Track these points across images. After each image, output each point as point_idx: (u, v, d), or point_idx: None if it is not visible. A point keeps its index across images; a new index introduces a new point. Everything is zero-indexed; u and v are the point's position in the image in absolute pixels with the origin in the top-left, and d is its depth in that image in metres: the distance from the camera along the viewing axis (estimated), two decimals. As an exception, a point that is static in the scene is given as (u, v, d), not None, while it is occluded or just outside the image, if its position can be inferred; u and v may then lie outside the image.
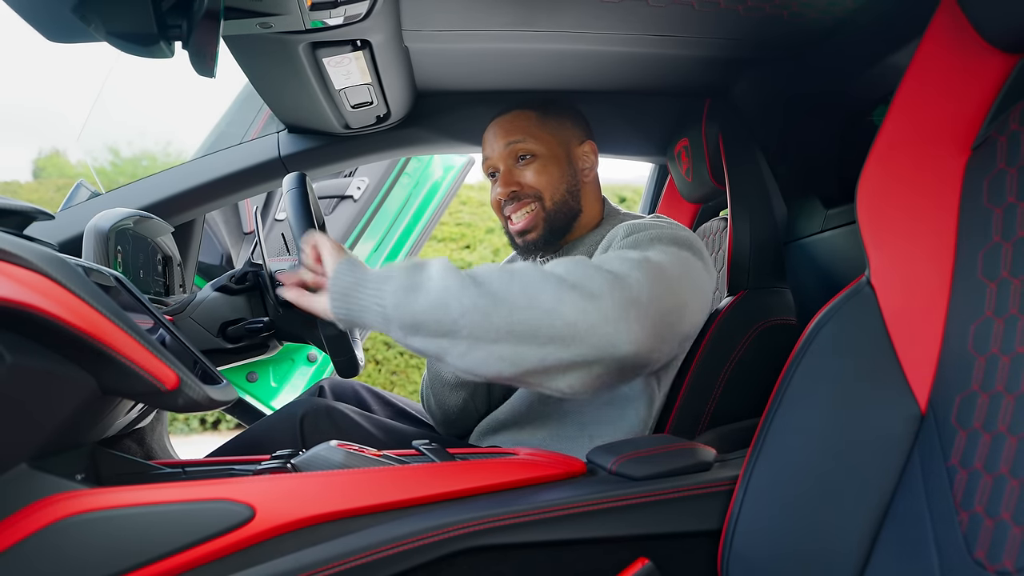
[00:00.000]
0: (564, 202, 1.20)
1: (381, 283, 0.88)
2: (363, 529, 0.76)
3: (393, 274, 0.88)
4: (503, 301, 0.83)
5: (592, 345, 0.82)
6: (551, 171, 1.20)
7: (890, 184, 0.80)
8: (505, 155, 1.21)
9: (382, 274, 0.89)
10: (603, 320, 0.82)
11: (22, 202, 0.84)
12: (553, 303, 0.82)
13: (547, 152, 1.20)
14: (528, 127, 1.21)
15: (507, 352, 0.83)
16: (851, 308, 0.80)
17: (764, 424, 0.86)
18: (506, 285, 0.84)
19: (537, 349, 0.83)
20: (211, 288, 1.34)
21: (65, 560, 0.68)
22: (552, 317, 0.82)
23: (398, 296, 0.86)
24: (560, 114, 1.24)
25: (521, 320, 0.82)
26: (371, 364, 5.39)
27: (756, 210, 1.41)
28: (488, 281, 0.85)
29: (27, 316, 0.67)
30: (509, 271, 0.86)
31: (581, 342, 0.82)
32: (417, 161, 2.53)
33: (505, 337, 0.83)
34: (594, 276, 0.84)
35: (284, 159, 1.54)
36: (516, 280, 0.84)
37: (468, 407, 1.25)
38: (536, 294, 0.83)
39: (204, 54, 0.79)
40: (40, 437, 0.72)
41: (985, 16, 0.74)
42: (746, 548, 0.83)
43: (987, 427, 0.67)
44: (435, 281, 0.85)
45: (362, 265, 0.92)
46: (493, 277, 0.85)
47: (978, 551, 0.64)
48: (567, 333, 0.82)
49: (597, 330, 0.82)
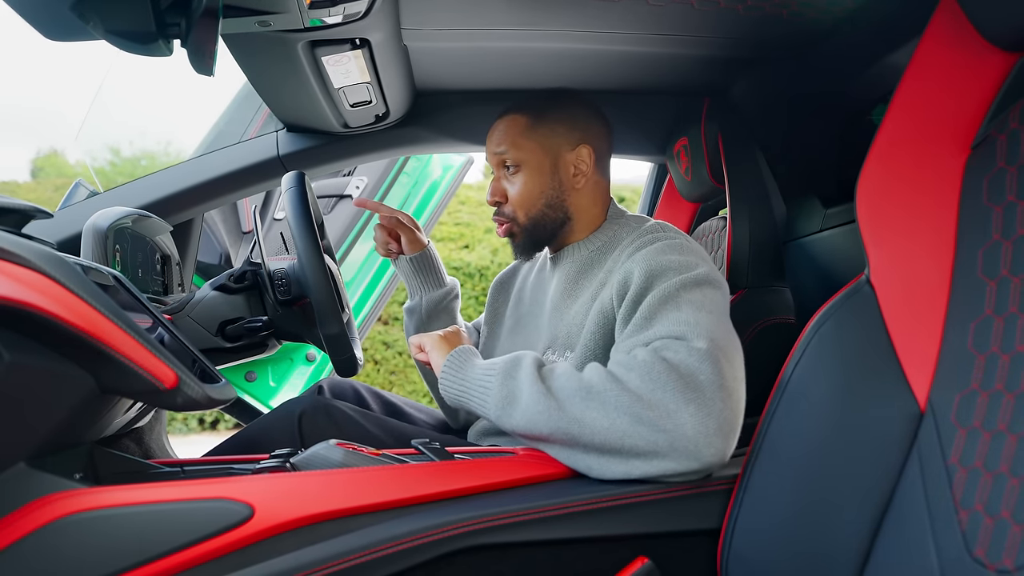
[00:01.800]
0: (542, 215, 1.20)
1: (484, 394, 0.97)
2: (362, 528, 0.76)
3: (492, 384, 0.96)
4: (584, 423, 0.87)
5: (676, 461, 0.85)
6: (532, 183, 1.20)
7: (890, 183, 0.80)
8: (494, 163, 1.23)
9: (483, 382, 0.98)
10: (684, 440, 0.84)
11: (21, 200, 0.83)
12: (631, 425, 0.85)
13: (531, 160, 1.19)
14: (514, 136, 1.20)
15: (595, 463, 0.88)
16: (851, 307, 0.80)
17: (763, 423, 0.86)
18: (584, 407, 0.88)
19: (624, 464, 0.87)
20: (210, 287, 1.34)
21: (64, 559, 0.68)
22: (633, 439, 0.85)
23: (499, 409, 0.94)
24: (555, 118, 1.21)
25: (604, 441, 0.86)
26: (370, 364, 5.39)
27: (755, 209, 1.41)
28: (568, 402, 0.89)
29: (26, 315, 0.67)
30: (586, 388, 0.89)
31: (665, 458, 0.85)
32: (416, 160, 2.53)
33: (591, 451, 0.88)
34: (666, 386, 0.86)
35: (283, 158, 1.54)
36: (592, 400, 0.88)
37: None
38: (615, 416, 0.86)
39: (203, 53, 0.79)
40: (38, 436, 0.72)
41: (985, 15, 0.74)
42: (745, 547, 0.83)
43: (987, 426, 0.67)
44: (525, 398, 0.92)
45: (465, 366, 1.02)
46: (572, 397, 0.89)
47: (978, 549, 0.64)
48: (650, 450, 0.85)
49: (678, 447, 0.84)
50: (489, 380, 0.97)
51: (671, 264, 1.02)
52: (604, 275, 1.12)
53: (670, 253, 1.04)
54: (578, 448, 0.89)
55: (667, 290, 0.98)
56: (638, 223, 1.19)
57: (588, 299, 1.11)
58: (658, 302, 0.97)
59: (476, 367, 1.01)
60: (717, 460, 0.85)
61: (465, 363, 1.03)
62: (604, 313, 1.06)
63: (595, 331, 1.05)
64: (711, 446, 0.84)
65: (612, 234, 1.20)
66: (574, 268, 1.19)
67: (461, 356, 1.04)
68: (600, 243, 1.20)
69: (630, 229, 1.18)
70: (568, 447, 0.90)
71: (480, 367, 1.00)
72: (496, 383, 0.96)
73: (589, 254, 1.19)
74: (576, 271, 1.18)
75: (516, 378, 0.95)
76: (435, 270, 1.38)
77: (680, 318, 0.94)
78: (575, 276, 1.18)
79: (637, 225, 1.19)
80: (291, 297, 1.32)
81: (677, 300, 0.96)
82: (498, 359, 0.99)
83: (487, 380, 0.97)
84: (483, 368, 0.99)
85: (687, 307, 0.95)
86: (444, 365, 1.03)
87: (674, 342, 0.91)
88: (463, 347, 1.05)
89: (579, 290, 1.16)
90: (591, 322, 1.06)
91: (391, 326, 5.59)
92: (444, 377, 1.02)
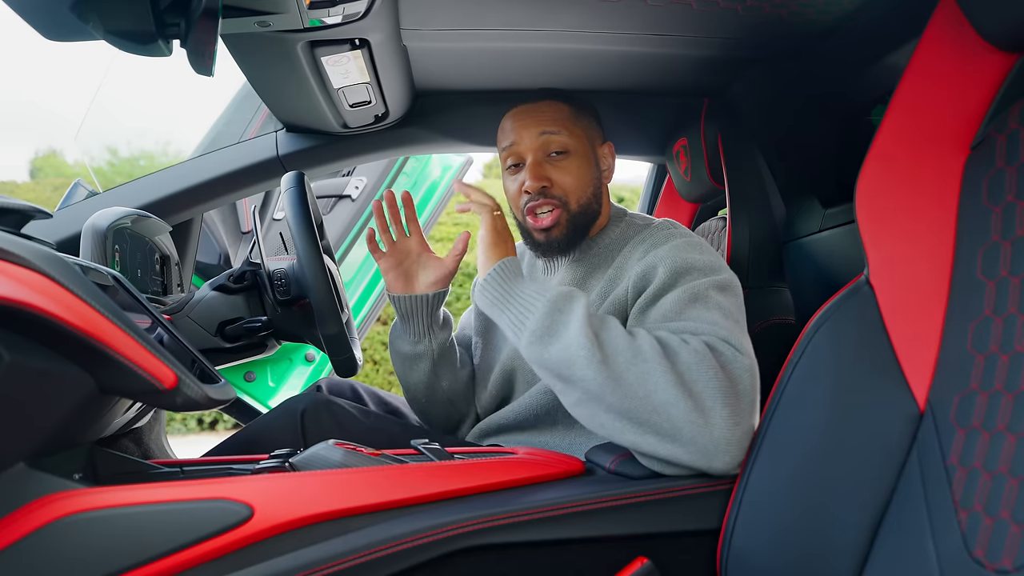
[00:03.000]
0: (589, 204, 1.16)
1: (525, 313, 0.93)
2: (362, 528, 0.76)
3: (537, 308, 0.93)
4: (621, 383, 0.86)
5: (689, 452, 0.84)
6: (582, 171, 1.15)
7: (889, 183, 0.80)
8: (536, 146, 1.15)
9: (529, 302, 0.94)
10: (707, 439, 0.84)
11: (20, 200, 0.83)
12: (667, 403, 0.84)
13: (580, 150, 1.16)
14: (564, 120, 1.16)
15: (609, 423, 0.87)
16: (850, 307, 0.80)
17: (763, 423, 0.86)
18: (627, 367, 0.86)
19: (638, 435, 0.86)
20: (209, 287, 1.34)
21: (63, 559, 0.68)
22: (661, 416, 0.84)
23: (534, 335, 0.91)
24: (588, 113, 1.21)
25: (631, 407, 0.85)
26: (369, 364, 5.39)
27: (755, 209, 1.41)
28: (614, 357, 0.87)
29: (25, 315, 0.67)
30: (635, 350, 0.88)
31: (680, 446, 0.84)
32: (415, 161, 2.53)
33: (612, 411, 0.87)
34: (711, 382, 0.86)
35: (282, 158, 1.54)
36: (638, 364, 0.86)
37: (435, 387, 1.25)
38: (653, 389, 0.85)
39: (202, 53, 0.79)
40: (38, 436, 0.72)
41: (984, 15, 0.74)
42: (745, 547, 0.83)
43: (986, 426, 0.67)
44: (570, 335, 0.89)
45: (515, 277, 0.99)
46: (619, 353, 0.87)
47: (977, 549, 0.64)
48: (671, 433, 0.84)
49: (696, 442, 0.84)
50: (536, 303, 0.94)
51: (696, 263, 1.02)
52: (614, 271, 1.12)
53: (692, 252, 1.04)
54: (601, 404, 0.87)
55: (697, 288, 0.98)
56: (645, 221, 1.20)
57: (597, 297, 1.11)
58: (688, 298, 0.97)
59: (526, 282, 0.98)
60: (726, 469, 0.86)
61: (515, 275, 0.99)
62: (617, 309, 1.06)
63: None
64: (728, 453, 0.85)
65: (619, 232, 1.20)
66: (582, 267, 1.19)
67: (512, 266, 1.00)
68: (607, 241, 1.19)
69: (637, 228, 1.18)
70: (591, 399, 0.88)
71: (531, 285, 0.97)
72: (542, 308, 0.92)
73: (597, 252, 1.19)
74: (583, 271, 1.18)
75: (565, 312, 0.92)
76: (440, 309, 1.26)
77: (713, 318, 0.94)
78: (582, 275, 1.18)
79: (644, 224, 1.19)
80: (290, 297, 1.32)
81: (707, 301, 0.96)
82: (550, 287, 0.96)
83: (533, 301, 0.94)
84: (534, 288, 0.96)
85: (717, 310, 0.95)
86: (494, 268, 0.99)
87: (722, 343, 0.91)
88: (515, 259, 1.02)
89: (587, 288, 1.16)
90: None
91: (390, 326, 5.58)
92: (488, 280, 0.99)
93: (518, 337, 0.94)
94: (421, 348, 1.23)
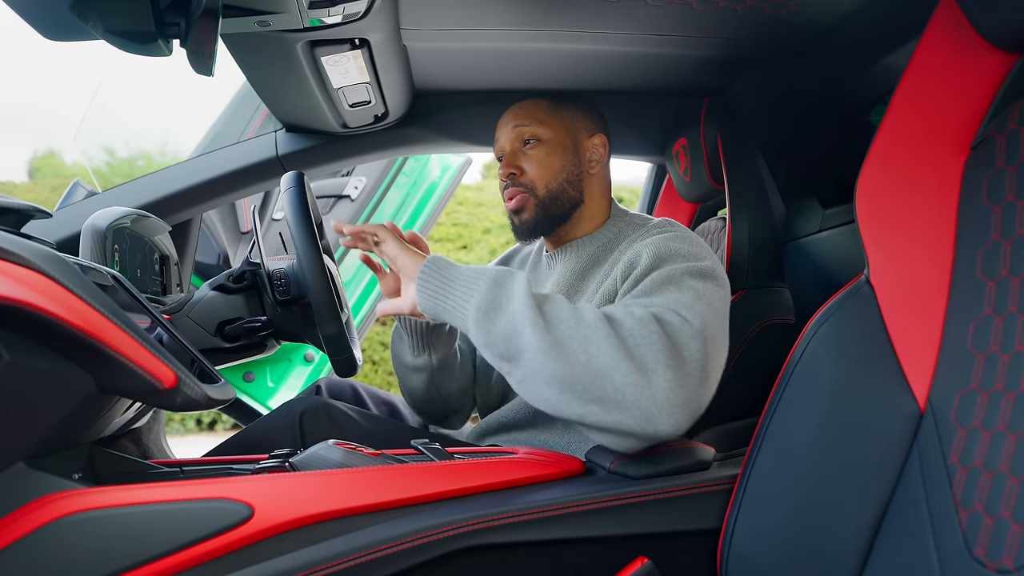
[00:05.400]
0: (561, 191, 1.21)
1: (467, 294, 0.92)
2: (362, 528, 0.76)
3: (479, 286, 0.91)
4: (563, 350, 0.84)
5: (633, 417, 0.83)
6: (551, 159, 1.21)
7: (889, 183, 0.80)
8: (511, 137, 1.23)
9: (469, 283, 0.92)
10: (650, 401, 0.82)
11: (19, 200, 0.83)
12: (608, 367, 0.83)
13: (552, 137, 1.22)
14: (537, 113, 1.24)
15: (554, 397, 0.85)
16: (850, 307, 0.80)
17: (763, 423, 0.86)
18: (570, 333, 0.85)
19: (582, 404, 0.84)
20: (209, 287, 1.33)
21: (62, 559, 0.68)
22: (604, 381, 0.83)
23: (479, 313, 0.89)
24: (572, 105, 1.27)
25: (575, 375, 0.84)
26: (368, 364, 5.39)
27: (754, 210, 1.41)
28: (556, 324, 0.86)
29: (25, 314, 0.66)
30: (578, 317, 0.87)
31: (624, 411, 0.83)
32: (415, 161, 2.53)
33: (557, 383, 0.85)
34: (653, 345, 0.85)
35: (282, 158, 1.54)
36: (581, 331, 0.86)
37: (432, 393, 1.25)
38: (595, 353, 0.84)
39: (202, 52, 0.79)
40: (38, 436, 0.71)
41: (984, 15, 0.74)
42: (745, 547, 0.83)
43: (986, 425, 0.67)
44: (514, 306, 0.88)
45: (447, 266, 0.96)
46: (561, 320, 0.87)
47: (977, 549, 0.64)
48: (614, 398, 0.83)
49: (640, 405, 0.83)
50: (476, 283, 0.92)
51: (680, 251, 1.03)
52: (609, 267, 1.14)
53: (680, 243, 1.06)
54: (543, 376, 0.85)
55: (673, 272, 0.98)
56: (643, 220, 1.22)
57: (593, 291, 1.13)
58: (662, 280, 0.97)
59: (461, 268, 0.95)
60: (671, 432, 0.84)
61: (447, 264, 0.96)
62: (608, 298, 1.07)
63: None
64: (672, 415, 0.83)
65: (617, 231, 1.21)
66: (579, 264, 1.20)
67: (441, 260, 0.97)
68: (606, 239, 1.21)
69: (636, 226, 1.20)
70: (536, 373, 0.86)
71: (467, 268, 0.95)
72: (484, 287, 0.91)
73: (595, 249, 1.21)
74: (582, 267, 1.19)
75: (507, 287, 0.91)
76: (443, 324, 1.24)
77: (680, 299, 0.93)
78: (580, 272, 1.19)
79: (643, 222, 1.21)
80: (290, 297, 1.31)
81: (680, 283, 0.96)
82: (487, 267, 0.95)
83: (474, 282, 0.92)
84: (470, 270, 0.95)
85: (689, 292, 0.94)
86: (424, 266, 0.96)
87: (671, 313, 0.90)
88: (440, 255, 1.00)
89: (585, 285, 1.17)
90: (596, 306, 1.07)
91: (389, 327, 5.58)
92: (423, 276, 0.95)
93: (464, 319, 0.91)
94: (421, 362, 1.24)
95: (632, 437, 0.85)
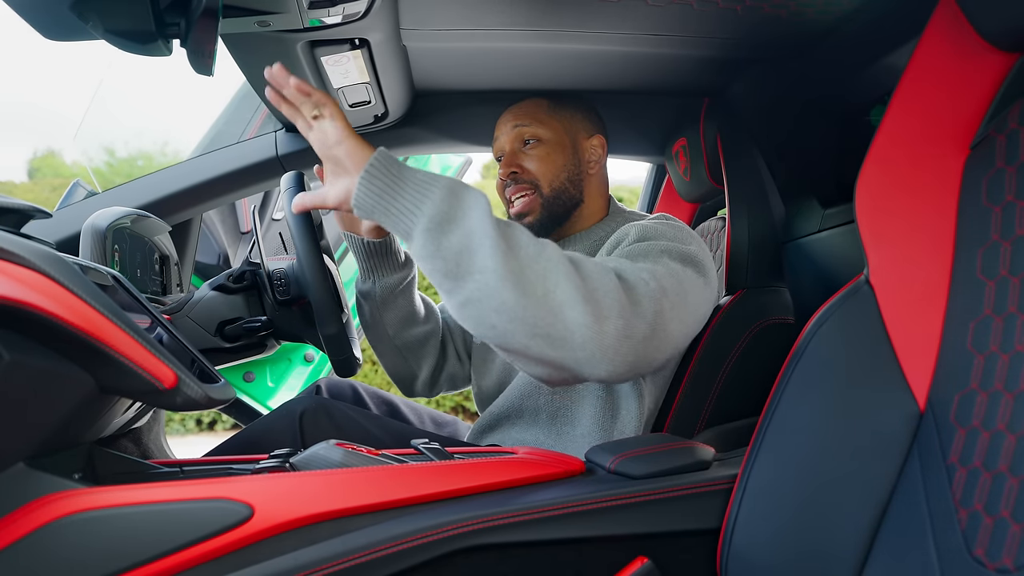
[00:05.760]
0: (563, 190, 1.22)
1: (420, 199, 0.83)
2: (362, 528, 0.76)
3: (433, 194, 0.82)
4: (521, 278, 0.80)
5: (575, 358, 0.83)
6: (554, 158, 1.21)
7: (889, 183, 0.80)
8: (511, 137, 1.24)
9: (421, 188, 0.83)
10: (596, 344, 0.82)
11: (19, 200, 0.83)
12: (563, 304, 0.81)
13: (552, 138, 1.23)
14: (537, 113, 1.24)
15: (501, 324, 0.82)
16: (850, 306, 0.80)
17: (763, 423, 0.86)
18: (530, 262, 0.81)
19: (527, 337, 0.82)
20: (209, 287, 1.34)
21: (62, 560, 0.68)
22: (555, 317, 0.81)
23: (432, 221, 0.81)
24: (571, 106, 1.28)
25: (526, 306, 0.80)
26: (368, 364, 5.39)
27: (754, 209, 1.41)
28: (517, 250, 0.81)
29: (25, 314, 0.66)
30: (540, 247, 0.83)
31: (569, 350, 0.83)
32: (415, 161, 2.53)
33: (505, 311, 0.81)
34: (610, 292, 0.84)
35: (282, 158, 1.54)
36: (541, 262, 0.82)
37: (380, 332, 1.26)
38: (552, 288, 0.81)
39: (202, 52, 0.79)
40: (38, 436, 0.71)
41: (984, 15, 0.74)
42: (745, 547, 0.83)
43: (986, 425, 0.67)
44: (472, 221, 0.81)
45: (397, 166, 0.86)
46: (523, 248, 0.82)
47: (977, 549, 0.64)
48: (561, 336, 0.82)
49: (586, 347, 0.82)
50: (431, 188, 0.83)
51: (665, 233, 1.04)
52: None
53: (668, 228, 1.07)
54: (493, 302, 0.80)
55: (652, 247, 0.98)
56: (641, 216, 1.23)
57: None
58: (639, 252, 0.97)
59: (414, 169, 0.85)
60: (605, 378, 0.84)
61: (397, 163, 0.86)
62: None
63: None
64: (612, 363, 0.83)
65: (615, 226, 1.22)
66: None
67: (391, 156, 0.87)
68: (603, 233, 1.23)
69: (633, 221, 1.20)
70: (484, 296, 0.80)
71: (420, 172, 0.85)
72: (439, 194, 0.82)
73: (592, 243, 1.22)
74: None
75: (465, 199, 0.83)
76: (392, 253, 1.23)
77: (649, 268, 0.92)
78: None
79: (640, 218, 1.22)
80: (290, 297, 1.32)
81: (657, 259, 0.96)
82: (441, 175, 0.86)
83: (428, 187, 0.83)
84: (424, 173, 0.85)
85: (662, 268, 0.94)
86: (373, 158, 0.85)
87: (634, 273, 0.90)
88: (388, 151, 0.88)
89: None
90: None
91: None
92: (370, 171, 0.84)
93: (410, 226, 0.82)
94: (365, 288, 1.22)
95: (567, 373, 0.84)
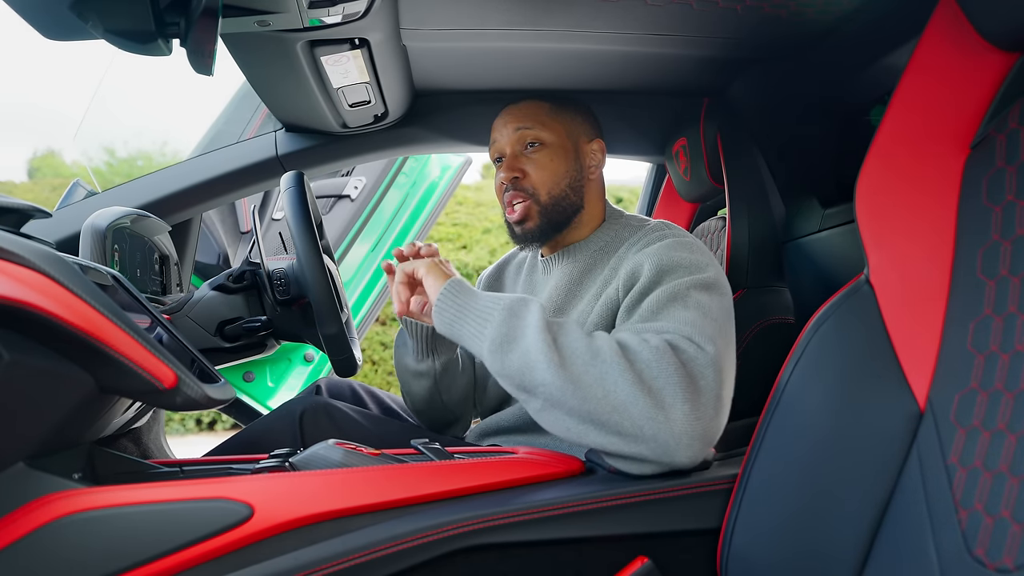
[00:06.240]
0: (564, 196, 1.19)
1: (482, 324, 0.93)
2: (362, 528, 0.76)
3: (493, 317, 0.92)
4: (580, 386, 0.85)
5: (652, 449, 0.84)
6: (556, 162, 1.19)
7: (889, 182, 0.80)
8: (513, 140, 1.20)
9: (484, 313, 0.93)
10: (668, 434, 0.84)
11: (19, 200, 0.83)
12: (626, 402, 0.84)
13: (555, 141, 1.20)
14: (539, 115, 1.21)
15: (574, 427, 0.87)
16: (850, 306, 0.80)
17: (763, 422, 0.86)
18: (585, 368, 0.86)
19: (602, 436, 0.86)
20: (208, 287, 1.34)
21: (62, 559, 0.68)
22: (622, 415, 0.84)
23: (494, 344, 0.90)
24: (572, 109, 1.25)
25: (592, 409, 0.85)
26: (368, 364, 5.39)
27: (754, 209, 1.42)
28: (571, 359, 0.87)
29: (25, 314, 0.66)
30: (593, 352, 0.88)
31: (643, 443, 0.84)
32: (414, 161, 2.53)
33: (575, 415, 0.86)
34: (671, 379, 0.85)
35: (281, 158, 1.54)
36: (597, 366, 0.86)
37: (434, 399, 1.25)
38: (612, 389, 0.85)
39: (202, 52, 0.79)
40: (38, 435, 0.71)
41: (984, 14, 0.74)
42: (745, 546, 0.83)
43: (986, 425, 0.67)
44: (528, 340, 0.88)
45: (465, 293, 0.97)
46: (577, 356, 0.87)
47: (977, 548, 0.64)
48: (632, 432, 0.84)
49: (660, 438, 0.84)
50: (492, 312, 0.93)
51: (682, 261, 1.02)
52: (609, 272, 1.13)
53: (681, 250, 1.05)
54: (563, 409, 0.87)
55: (677, 288, 0.98)
56: (640, 223, 1.20)
57: (592, 297, 1.12)
58: (667, 298, 0.97)
59: (478, 294, 0.97)
60: (687, 463, 0.86)
61: (465, 289, 0.98)
62: (610, 307, 1.07)
63: (599, 324, 1.06)
64: (690, 448, 0.84)
65: (614, 233, 1.20)
66: (577, 268, 1.19)
67: (461, 283, 0.99)
68: (603, 242, 1.20)
69: (632, 228, 1.19)
70: (553, 405, 0.87)
71: (484, 296, 0.96)
72: (499, 317, 0.92)
73: (592, 253, 1.19)
74: (580, 271, 1.18)
75: (522, 318, 0.91)
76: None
77: (687, 318, 0.94)
78: (579, 276, 1.18)
79: (640, 224, 1.20)
80: (290, 297, 1.32)
81: (685, 300, 0.96)
82: (504, 295, 0.96)
83: (490, 311, 0.93)
84: (487, 298, 0.96)
85: (694, 309, 0.95)
86: (443, 289, 0.98)
87: (685, 341, 0.91)
88: (462, 279, 1.02)
89: (583, 289, 1.16)
90: (596, 315, 1.07)
91: (389, 327, 5.59)
92: (441, 300, 0.97)
93: (480, 348, 0.93)
94: (424, 367, 1.23)
95: (651, 464, 0.86)
